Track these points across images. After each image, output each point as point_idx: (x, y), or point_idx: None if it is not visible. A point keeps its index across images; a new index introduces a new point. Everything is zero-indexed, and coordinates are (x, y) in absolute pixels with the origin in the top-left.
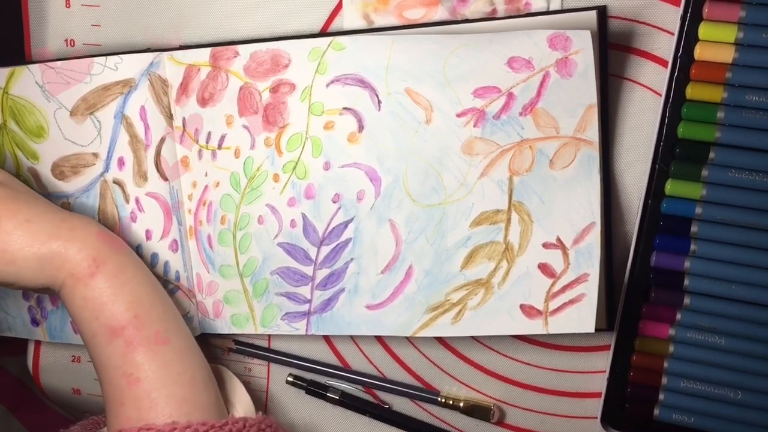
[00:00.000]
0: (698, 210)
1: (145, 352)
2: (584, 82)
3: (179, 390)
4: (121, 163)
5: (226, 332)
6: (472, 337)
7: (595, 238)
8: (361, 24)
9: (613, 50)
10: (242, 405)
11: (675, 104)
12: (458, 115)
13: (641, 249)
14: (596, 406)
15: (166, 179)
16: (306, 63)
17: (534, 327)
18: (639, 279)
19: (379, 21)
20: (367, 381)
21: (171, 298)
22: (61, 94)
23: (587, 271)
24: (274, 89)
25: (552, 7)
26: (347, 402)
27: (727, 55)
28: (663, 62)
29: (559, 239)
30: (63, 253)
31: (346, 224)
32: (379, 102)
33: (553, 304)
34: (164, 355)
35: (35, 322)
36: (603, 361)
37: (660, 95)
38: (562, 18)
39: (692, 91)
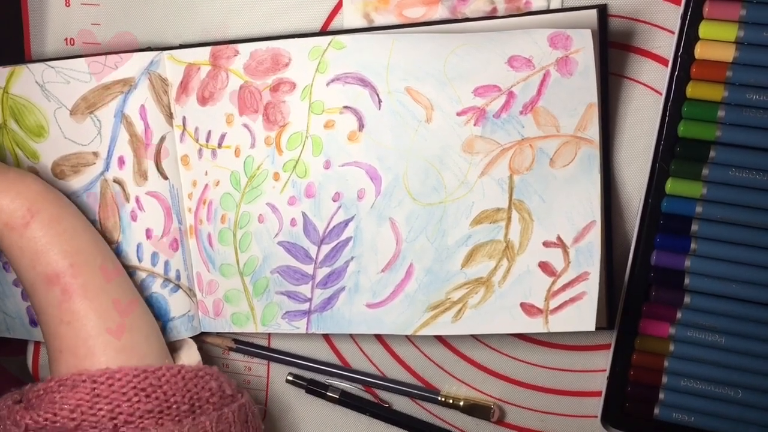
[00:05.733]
0: (698, 209)
1: (82, 300)
2: (585, 81)
3: (116, 338)
4: (121, 162)
5: (226, 331)
6: (473, 335)
7: (595, 236)
8: (361, 23)
9: (614, 49)
10: (188, 359)
11: (675, 103)
12: (459, 114)
13: (641, 248)
14: (596, 405)
15: (166, 178)
16: (306, 62)
17: (534, 325)
18: (639, 278)
19: (380, 20)
20: (367, 380)
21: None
22: (61, 94)
23: (588, 269)
24: (274, 88)
25: (552, 6)
26: (347, 401)
27: (727, 53)
28: (663, 61)
29: (559, 238)
30: None
31: (346, 223)
32: (380, 101)
33: (554, 303)
34: (102, 303)
35: (34, 323)
36: (603, 359)
37: (660, 94)
38: (563, 17)
39: (693, 90)
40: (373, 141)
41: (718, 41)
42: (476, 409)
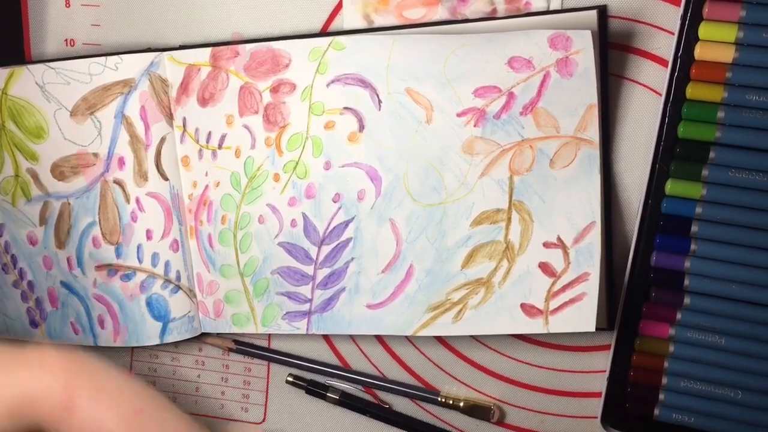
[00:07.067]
0: (698, 210)
1: None
2: (585, 82)
3: None
4: (121, 163)
5: (226, 332)
6: (473, 336)
7: (595, 237)
8: (361, 24)
9: (614, 50)
10: None
11: (675, 104)
12: (458, 115)
13: (641, 248)
14: (596, 406)
15: (166, 179)
16: (306, 63)
17: (534, 326)
18: (639, 278)
19: (380, 21)
20: (367, 381)
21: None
22: (61, 95)
23: (588, 270)
24: (274, 89)
25: (552, 7)
26: (347, 402)
27: (727, 54)
28: (663, 62)
29: (559, 238)
30: (31, 396)
31: (346, 224)
32: (380, 102)
33: (554, 304)
34: None
35: (34, 324)
36: (603, 360)
37: (660, 95)
38: (563, 18)
39: (692, 91)
40: (373, 142)
41: (717, 42)
42: (476, 410)
